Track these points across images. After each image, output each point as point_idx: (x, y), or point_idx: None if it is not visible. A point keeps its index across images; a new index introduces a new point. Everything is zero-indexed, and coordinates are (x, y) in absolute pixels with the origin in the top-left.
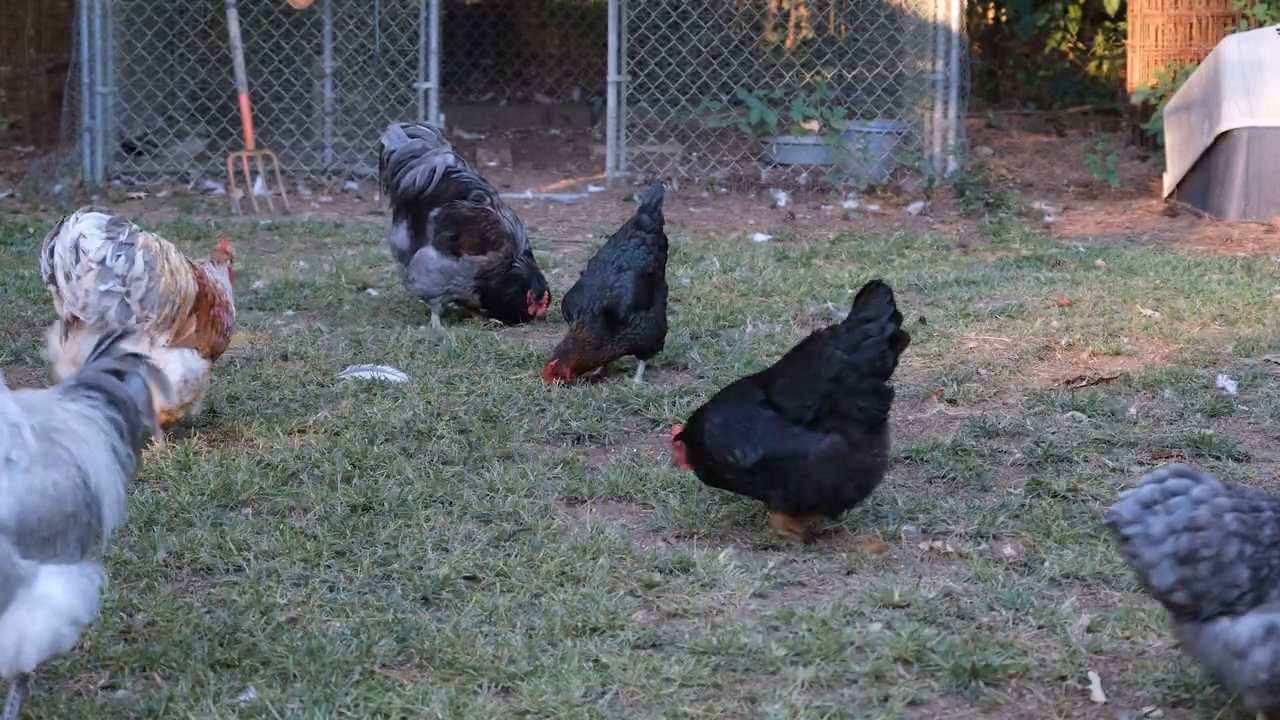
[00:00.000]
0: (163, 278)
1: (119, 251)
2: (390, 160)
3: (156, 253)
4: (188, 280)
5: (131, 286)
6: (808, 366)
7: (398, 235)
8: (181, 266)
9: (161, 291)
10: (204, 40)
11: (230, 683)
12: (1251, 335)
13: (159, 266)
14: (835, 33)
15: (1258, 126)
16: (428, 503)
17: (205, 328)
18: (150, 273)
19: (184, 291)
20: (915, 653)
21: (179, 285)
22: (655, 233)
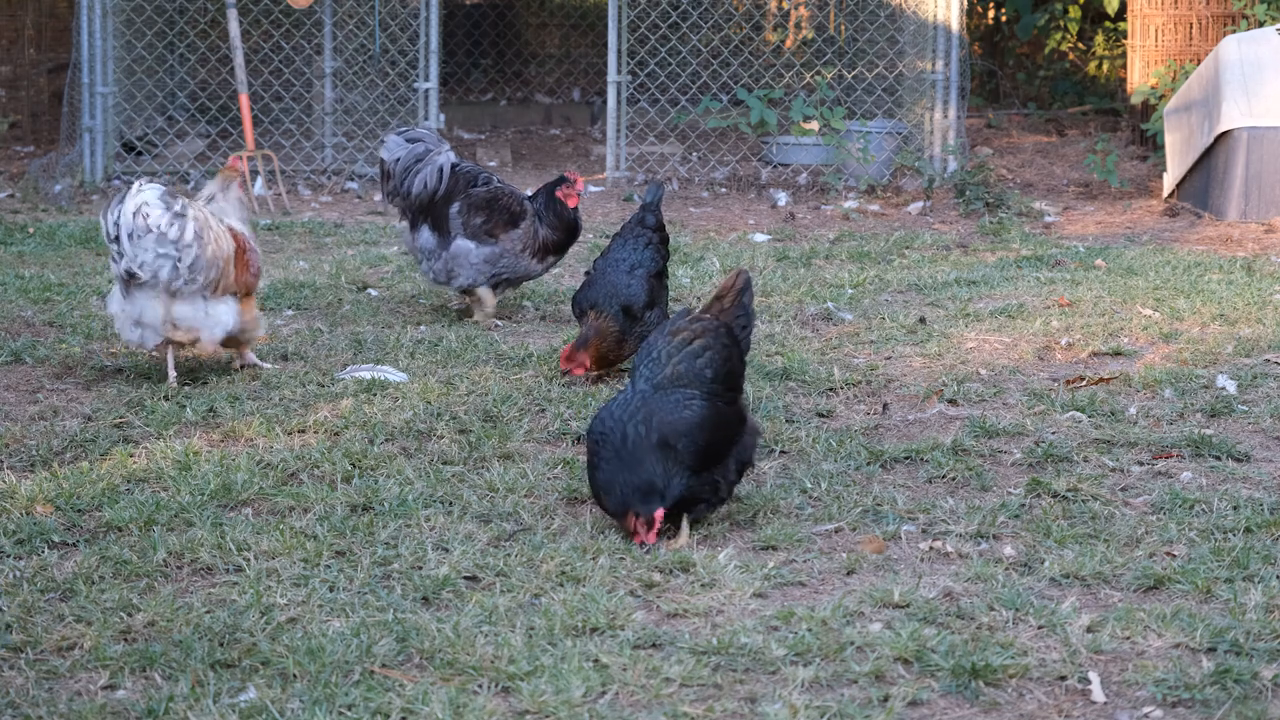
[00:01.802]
0: (210, 245)
1: (174, 221)
2: (396, 169)
3: (204, 223)
4: (228, 242)
5: (183, 253)
6: None
7: (422, 238)
8: (221, 230)
9: (208, 257)
10: (204, 40)
11: (230, 683)
12: (1251, 335)
13: (206, 235)
14: (835, 33)
15: (1258, 126)
16: (428, 503)
17: (241, 272)
18: (199, 241)
19: (226, 254)
20: (915, 653)
21: (222, 249)
22: (659, 230)
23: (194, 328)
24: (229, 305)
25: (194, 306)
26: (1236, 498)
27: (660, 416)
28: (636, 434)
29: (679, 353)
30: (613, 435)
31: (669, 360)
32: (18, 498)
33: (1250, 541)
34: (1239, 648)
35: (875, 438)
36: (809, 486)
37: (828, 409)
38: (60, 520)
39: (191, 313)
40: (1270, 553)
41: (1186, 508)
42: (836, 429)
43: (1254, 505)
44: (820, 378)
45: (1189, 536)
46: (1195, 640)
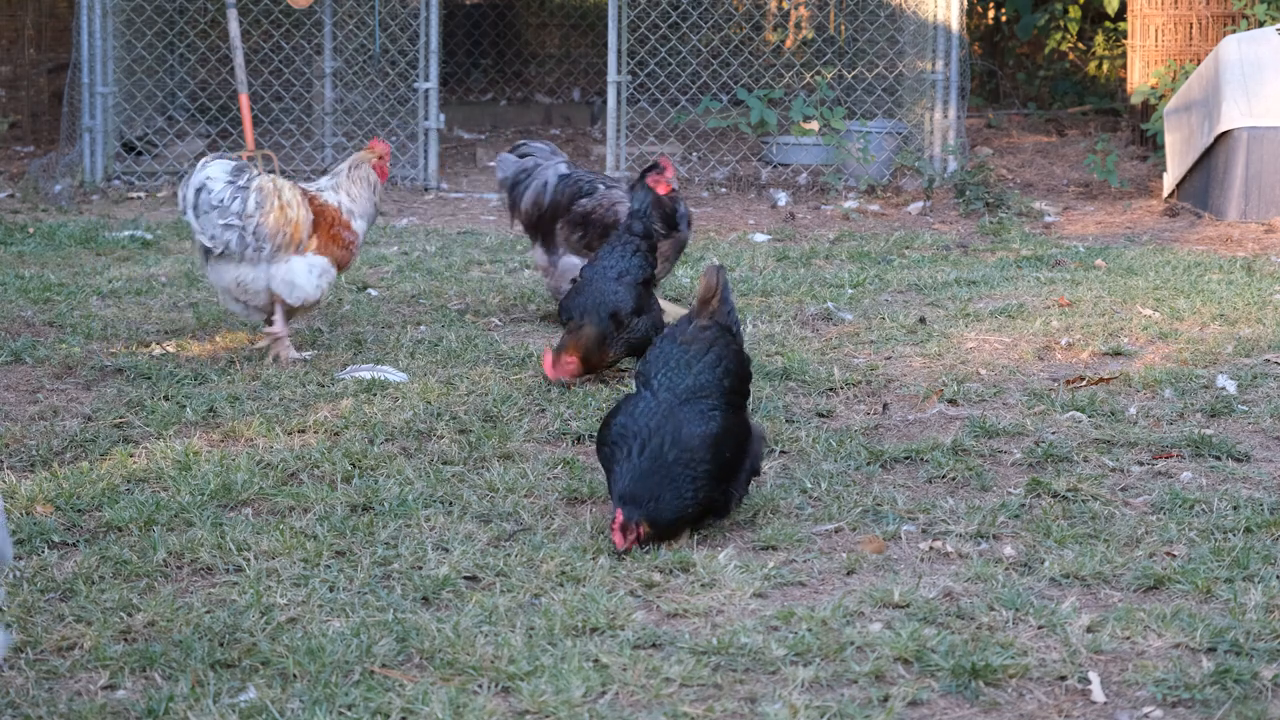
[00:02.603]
0: (271, 214)
1: (235, 194)
2: (506, 186)
3: (269, 193)
4: (299, 211)
5: (245, 223)
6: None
7: (537, 255)
8: (294, 199)
9: (271, 225)
10: (204, 40)
11: (230, 683)
12: (1251, 335)
13: (268, 204)
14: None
15: (1258, 126)
16: (428, 503)
17: (327, 243)
18: (260, 211)
19: (294, 221)
20: (915, 653)
21: (289, 217)
22: (647, 238)
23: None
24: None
25: (258, 271)
26: (1236, 498)
27: (688, 430)
28: (659, 445)
29: (698, 362)
30: (636, 439)
31: (689, 370)
32: (18, 498)
33: (1250, 541)
34: (1239, 648)
35: (875, 438)
36: (809, 486)
37: (828, 409)
38: (60, 520)
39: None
40: (1270, 553)
41: (1186, 508)
42: (836, 429)
43: (1254, 505)
44: (820, 378)
45: (1189, 536)
46: (1195, 640)
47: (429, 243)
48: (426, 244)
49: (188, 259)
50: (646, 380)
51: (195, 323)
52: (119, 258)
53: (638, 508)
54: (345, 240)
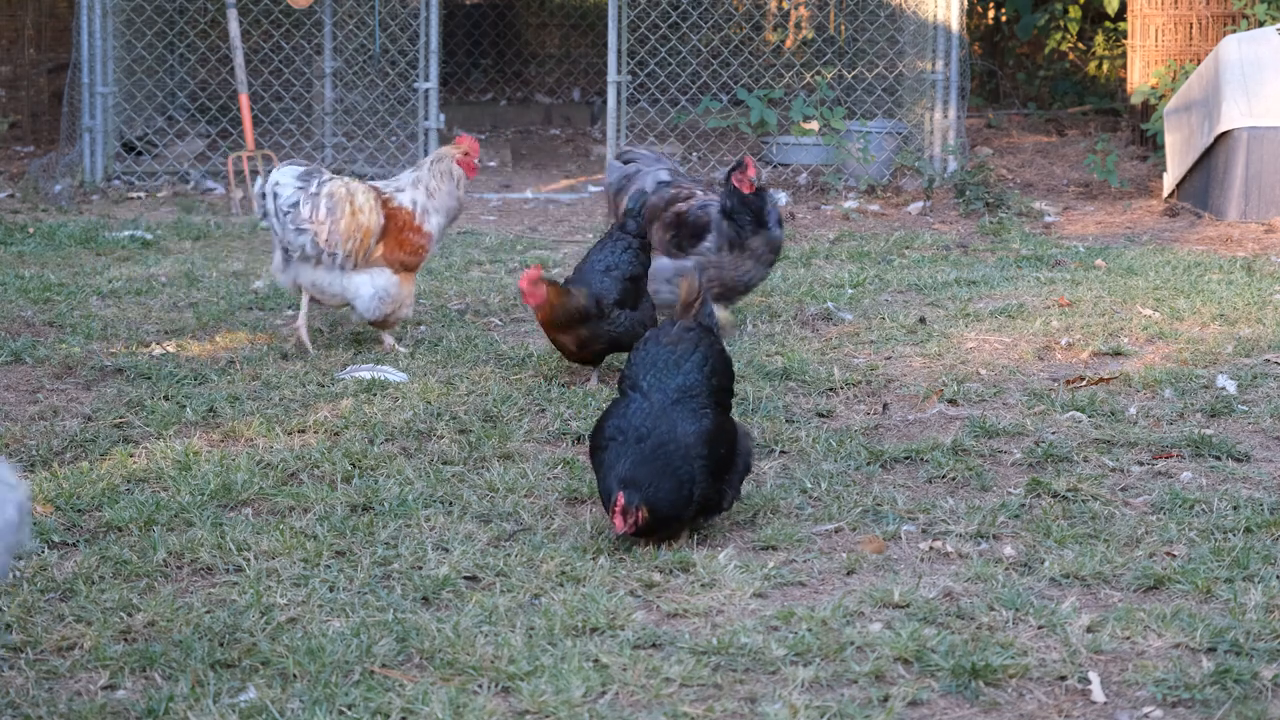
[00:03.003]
0: (343, 220)
1: (306, 200)
2: (611, 192)
3: (341, 198)
4: (371, 217)
5: (317, 229)
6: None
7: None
8: (367, 205)
9: (343, 231)
10: (204, 40)
11: (230, 683)
12: (1251, 335)
13: (339, 210)
14: (835, 33)
15: (1258, 126)
16: (428, 503)
17: (393, 249)
18: (331, 217)
19: (365, 227)
20: (915, 653)
21: (360, 223)
22: (640, 236)
23: (338, 295)
24: (371, 277)
25: (334, 276)
26: (1236, 498)
27: (682, 427)
28: (657, 441)
29: (686, 362)
30: (633, 434)
31: (677, 370)
32: None
33: (1250, 541)
34: (1239, 648)
35: (875, 438)
36: (809, 486)
37: (828, 409)
38: (60, 520)
39: (330, 280)
40: (1270, 553)
41: (1186, 508)
42: (836, 429)
43: (1254, 505)
44: (820, 378)
45: (1189, 536)
46: (1195, 640)
47: None
48: None
49: (188, 259)
50: (634, 383)
51: (195, 323)
52: (119, 258)
53: (637, 491)
54: (413, 245)
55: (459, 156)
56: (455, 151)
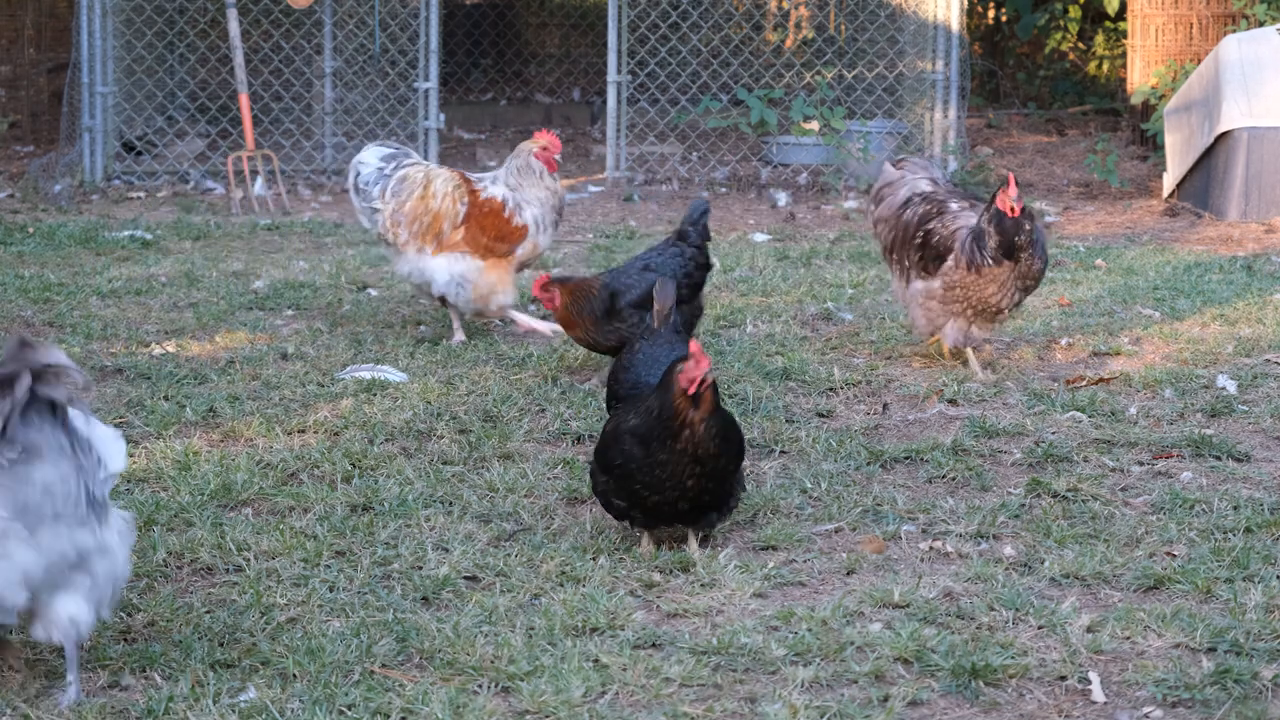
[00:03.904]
0: (409, 202)
1: (379, 180)
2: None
3: (414, 181)
4: (444, 203)
5: (383, 207)
6: None
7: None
8: (443, 191)
9: (408, 212)
10: (204, 40)
11: (230, 683)
12: (1251, 335)
13: (406, 193)
14: (835, 33)
15: (1258, 126)
16: (428, 503)
17: (475, 234)
18: (396, 199)
19: (435, 212)
20: (915, 653)
21: (429, 207)
22: (697, 248)
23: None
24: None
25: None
26: (1236, 498)
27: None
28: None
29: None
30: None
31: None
32: None
33: (1250, 541)
34: (1239, 648)
35: (875, 438)
36: (809, 486)
37: (828, 409)
38: None
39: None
40: (1270, 553)
41: (1186, 508)
42: (836, 429)
43: (1254, 505)
44: (820, 378)
45: (1189, 536)
46: (1195, 640)
47: None
48: None
49: (188, 259)
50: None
51: (195, 323)
52: (119, 258)
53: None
54: (499, 231)
55: (537, 150)
56: (534, 146)
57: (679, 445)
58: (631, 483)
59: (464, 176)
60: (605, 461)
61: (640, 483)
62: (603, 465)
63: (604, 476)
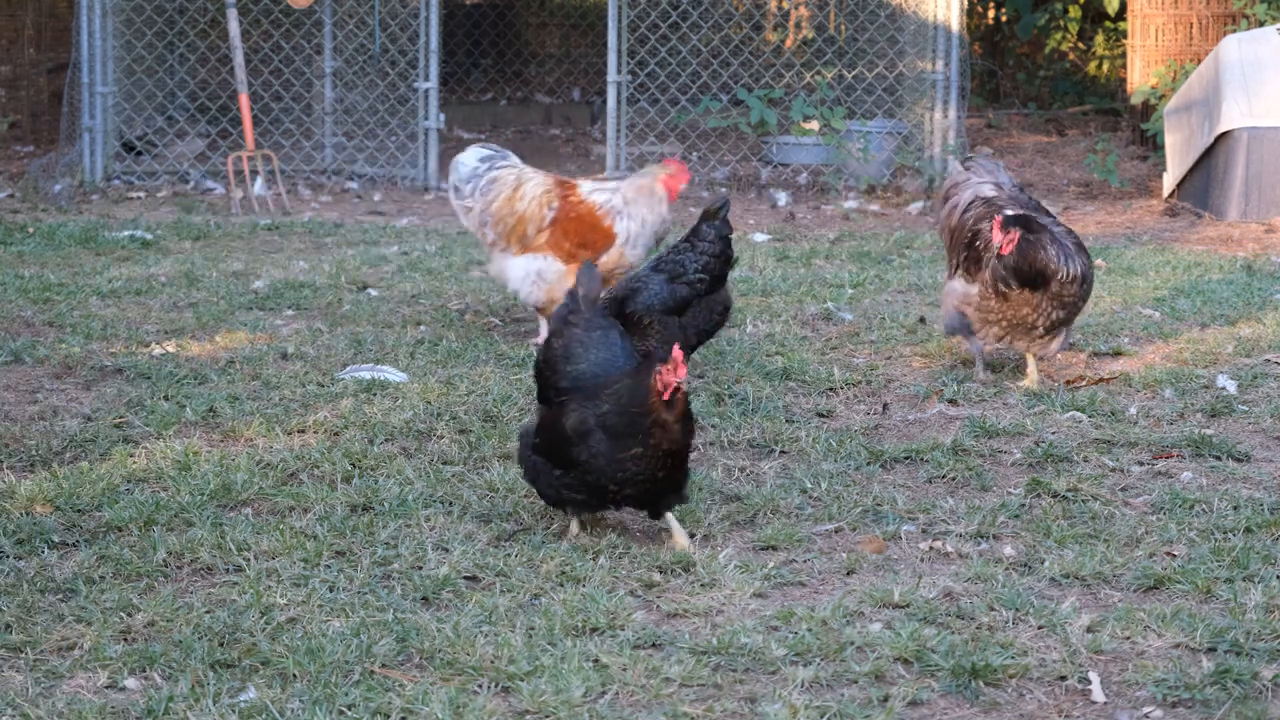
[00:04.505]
0: (495, 202)
1: (471, 179)
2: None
3: (504, 183)
4: (531, 206)
5: (473, 205)
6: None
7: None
8: (532, 194)
9: (494, 212)
10: (204, 40)
11: (230, 683)
12: (1251, 335)
13: (494, 193)
14: (835, 33)
15: (1258, 126)
16: (428, 503)
17: (560, 237)
18: (484, 198)
19: (520, 214)
20: (915, 653)
21: (515, 209)
22: (711, 243)
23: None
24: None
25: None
26: (1236, 498)
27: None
28: None
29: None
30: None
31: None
32: (18, 498)
33: (1250, 541)
34: (1239, 648)
35: (875, 438)
36: (809, 486)
37: (828, 409)
38: (60, 520)
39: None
40: (1270, 553)
41: (1186, 508)
42: (836, 429)
43: (1254, 505)
44: (820, 378)
45: (1189, 536)
46: (1195, 640)
47: (429, 243)
48: (426, 244)
49: (188, 259)
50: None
51: (195, 323)
52: (119, 258)
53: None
54: (584, 238)
55: (663, 176)
56: (660, 171)
57: (652, 442)
58: (598, 477)
59: (560, 181)
60: (565, 457)
61: (609, 478)
62: (559, 459)
63: (558, 470)
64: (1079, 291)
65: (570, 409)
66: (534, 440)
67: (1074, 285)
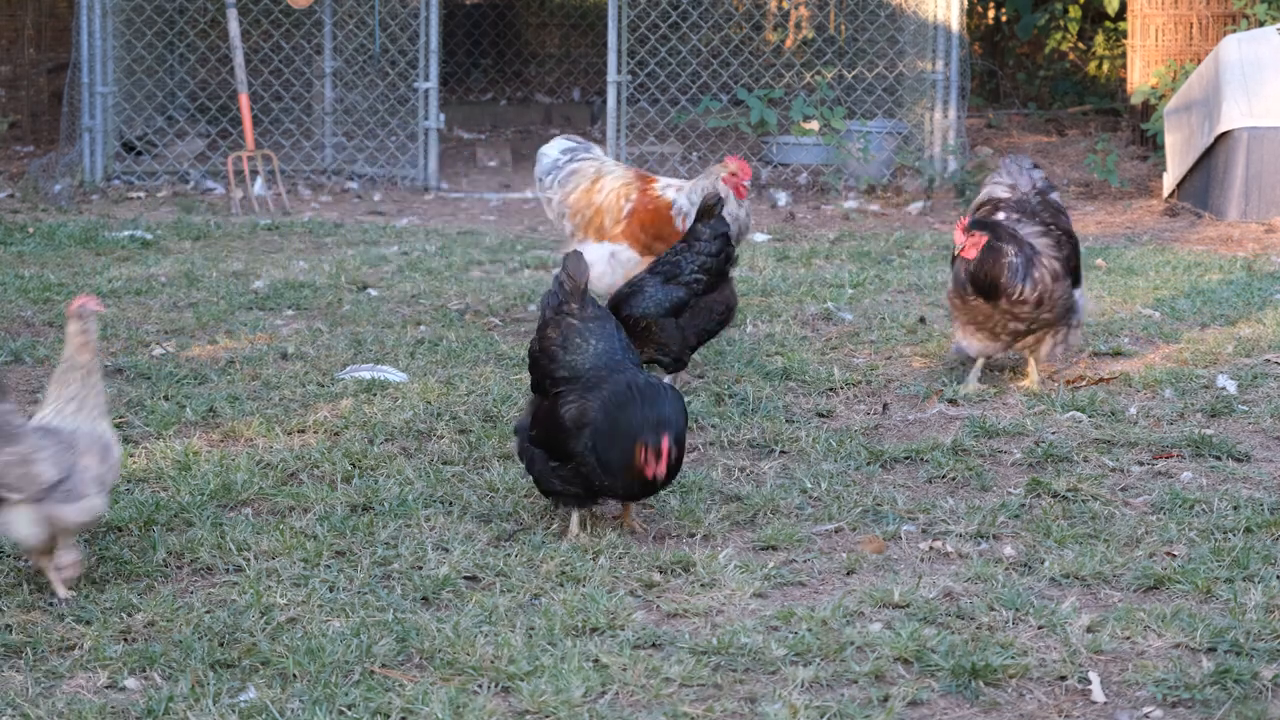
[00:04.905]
0: (573, 194)
1: (551, 171)
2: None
3: (584, 174)
4: (609, 198)
5: (553, 197)
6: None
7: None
8: (611, 186)
9: (572, 204)
10: (204, 40)
11: (230, 683)
12: (1251, 335)
13: (572, 185)
14: (835, 33)
15: (1258, 126)
16: (428, 503)
17: (635, 228)
18: (563, 190)
19: (597, 206)
20: (915, 653)
21: (593, 201)
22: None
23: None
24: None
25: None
26: (1236, 498)
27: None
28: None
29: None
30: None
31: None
32: None
33: (1250, 541)
34: (1239, 648)
35: (875, 438)
36: (809, 486)
37: (828, 409)
38: None
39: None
40: (1270, 553)
41: (1186, 508)
42: (836, 429)
43: (1254, 505)
44: (820, 378)
45: (1189, 536)
46: (1195, 640)
47: (429, 243)
48: (426, 244)
49: (188, 259)
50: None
51: (195, 323)
52: (119, 258)
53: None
54: (656, 230)
55: (725, 176)
56: (723, 170)
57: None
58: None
59: (640, 174)
60: (563, 449)
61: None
62: (556, 451)
63: (555, 461)
64: (1032, 314)
65: (569, 400)
66: (530, 432)
67: (1025, 307)
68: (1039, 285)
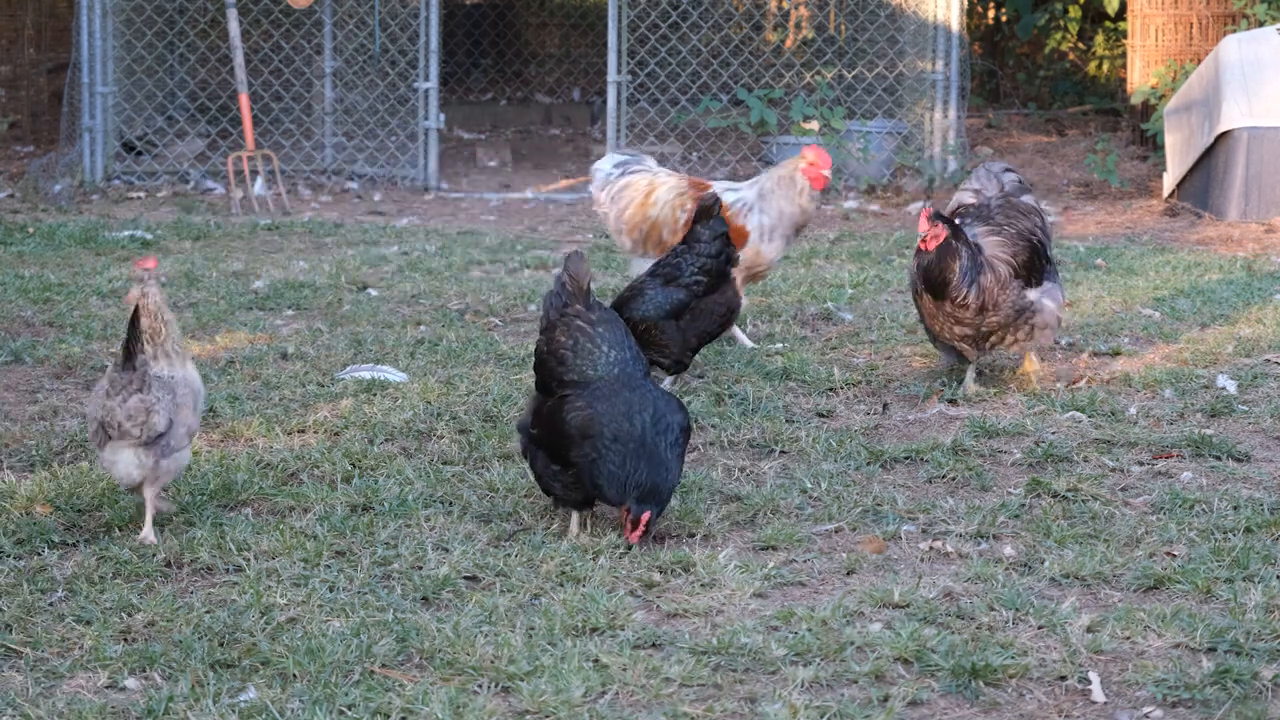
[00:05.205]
0: (628, 209)
1: (604, 186)
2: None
3: (635, 189)
4: (664, 211)
5: (608, 212)
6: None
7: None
8: (664, 199)
9: (627, 220)
10: (204, 40)
11: (230, 683)
12: (1251, 335)
13: (626, 199)
14: (835, 33)
15: (1258, 126)
16: (428, 503)
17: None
18: (616, 205)
19: (653, 220)
20: (915, 653)
21: (647, 215)
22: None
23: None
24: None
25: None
26: (1236, 498)
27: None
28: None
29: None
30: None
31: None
32: (18, 498)
33: (1250, 541)
34: (1239, 648)
35: (875, 438)
36: (809, 486)
37: (828, 409)
38: (60, 520)
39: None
40: (1270, 553)
41: (1186, 508)
42: (836, 429)
43: (1254, 505)
44: (820, 378)
45: (1189, 536)
46: (1195, 640)
47: (429, 243)
48: (426, 244)
49: (188, 259)
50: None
51: (195, 323)
52: (119, 258)
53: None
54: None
55: (803, 166)
56: (801, 162)
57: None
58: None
59: (693, 182)
60: (565, 455)
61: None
62: (557, 455)
63: (556, 466)
64: (974, 319)
65: (576, 405)
66: (531, 430)
67: (966, 311)
68: (984, 291)
